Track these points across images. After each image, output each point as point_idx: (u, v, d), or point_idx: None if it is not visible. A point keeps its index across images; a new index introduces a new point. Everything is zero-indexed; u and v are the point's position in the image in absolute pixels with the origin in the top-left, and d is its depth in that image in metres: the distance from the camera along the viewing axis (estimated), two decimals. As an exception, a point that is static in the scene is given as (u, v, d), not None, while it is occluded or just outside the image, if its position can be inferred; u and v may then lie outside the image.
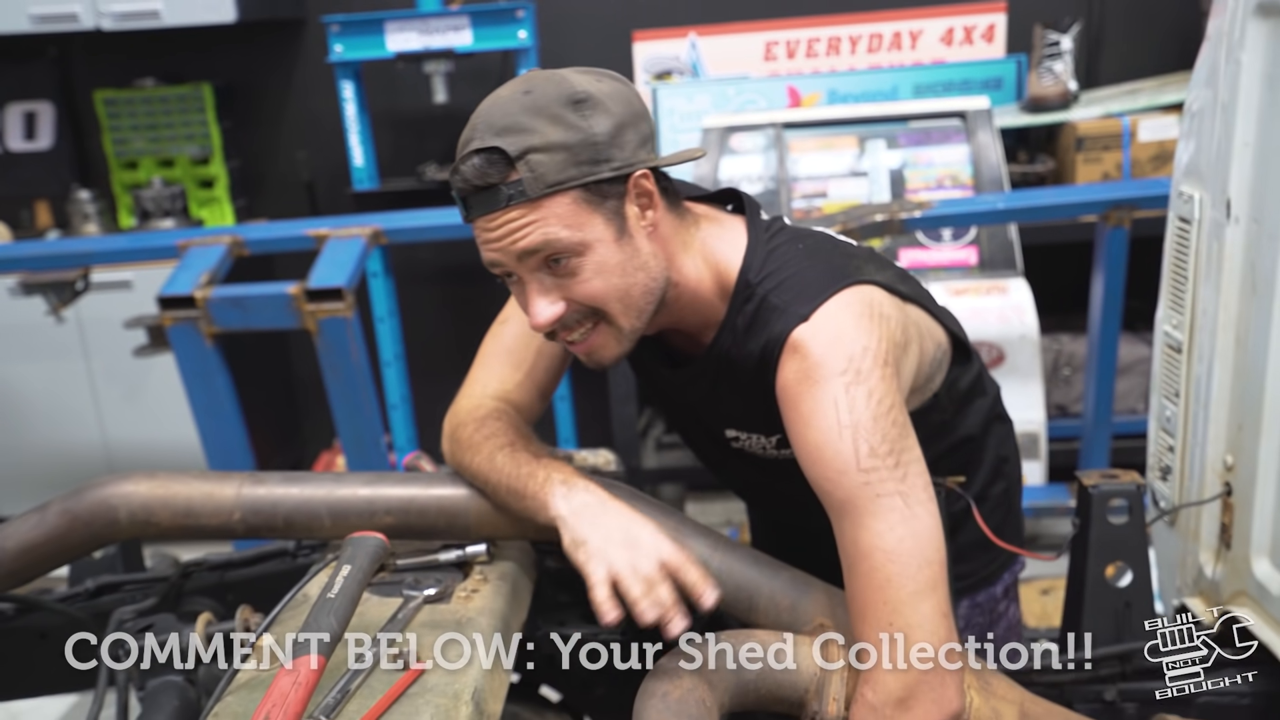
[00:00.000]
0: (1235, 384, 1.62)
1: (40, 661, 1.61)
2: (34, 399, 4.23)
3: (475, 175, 1.16)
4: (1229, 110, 1.60)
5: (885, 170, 3.71)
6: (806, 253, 1.32)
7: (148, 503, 1.38)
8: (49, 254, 3.38)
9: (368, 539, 1.24)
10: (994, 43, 4.19)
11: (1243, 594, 1.58)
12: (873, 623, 1.15)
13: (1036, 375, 3.42)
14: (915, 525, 1.16)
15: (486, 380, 1.44)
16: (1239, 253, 1.60)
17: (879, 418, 1.17)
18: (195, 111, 4.40)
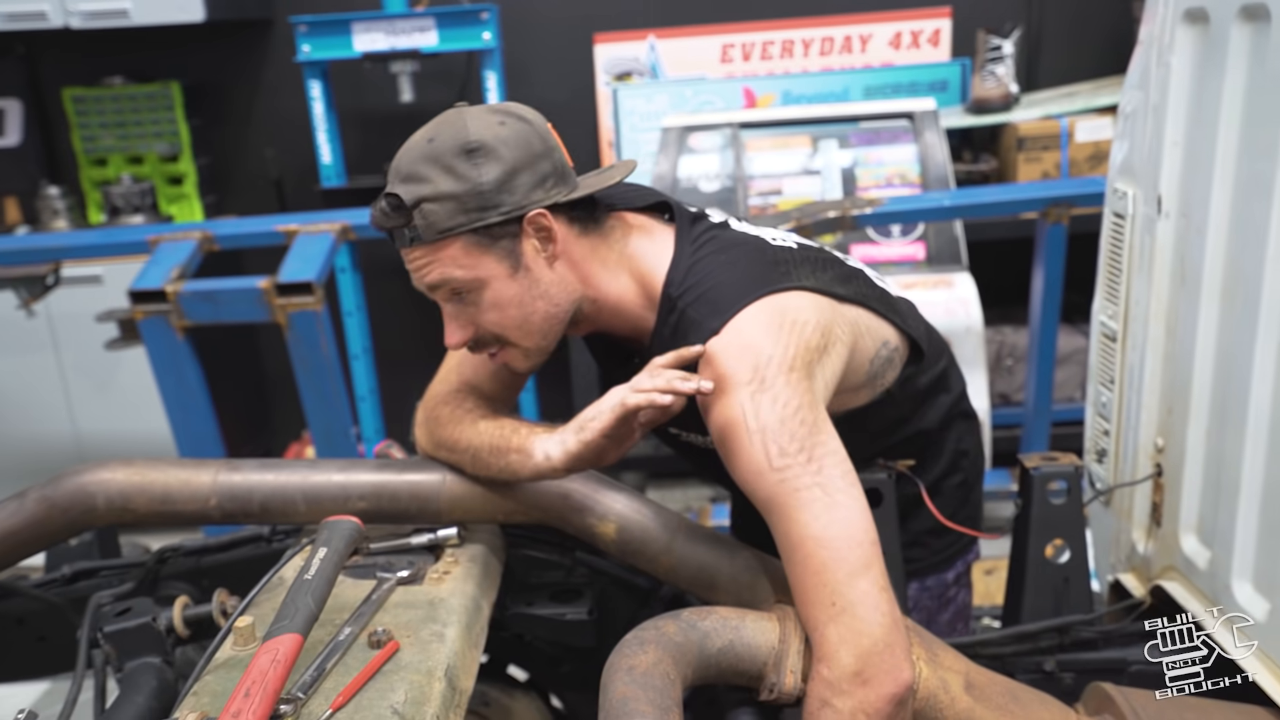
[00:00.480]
0: (1165, 370, 1.65)
1: (17, 646, 1.59)
2: (5, 392, 4.18)
3: (381, 218, 1.26)
4: (1159, 111, 1.62)
5: (837, 169, 3.72)
6: (728, 264, 1.33)
7: (125, 490, 1.38)
8: (18, 249, 3.34)
9: (343, 522, 1.23)
10: (940, 47, 4.22)
11: (1172, 568, 1.61)
12: (816, 605, 1.17)
13: (981, 365, 3.43)
14: (838, 512, 1.18)
15: (460, 370, 1.46)
16: (1169, 246, 1.62)
17: (785, 420, 1.20)
18: (164, 109, 4.35)
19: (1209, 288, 1.51)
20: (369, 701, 1.06)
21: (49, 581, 1.60)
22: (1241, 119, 1.44)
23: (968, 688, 1.28)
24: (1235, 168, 1.45)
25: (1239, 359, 1.43)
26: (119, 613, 1.36)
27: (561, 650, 1.58)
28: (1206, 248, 1.50)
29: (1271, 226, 1.34)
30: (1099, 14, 4.20)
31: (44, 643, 1.60)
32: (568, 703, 1.68)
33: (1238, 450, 1.43)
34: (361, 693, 1.07)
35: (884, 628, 1.15)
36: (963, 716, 1.26)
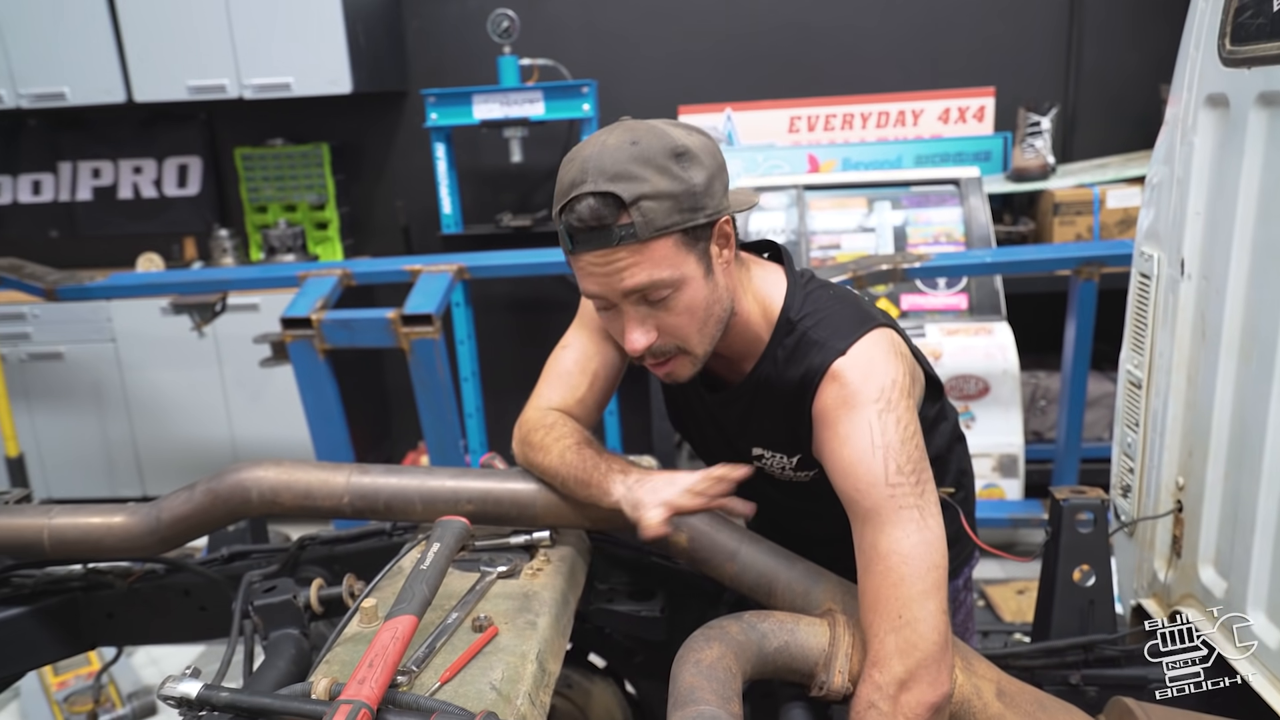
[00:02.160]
0: (1186, 416, 1.61)
1: (182, 614, 1.64)
2: (177, 400, 4.30)
3: (591, 216, 1.12)
4: (1183, 184, 1.60)
5: (890, 227, 3.71)
6: (836, 298, 1.32)
7: (275, 486, 1.39)
8: (193, 280, 3.44)
9: (453, 522, 1.25)
10: (984, 121, 4.18)
11: (1190, 596, 1.56)
12: (884, 614, 1.13)
13: (1016, 405, 3.41)
14: (927, 535, 1.15)
15: (550, 395, 1.43)
16: (1191, 304, 1.59)
17: (905, 441, 1.17)
18: (315, 166, 4.48)
19: (1227, 343, 1.48)
20: (471, 677, 1.07)
21: (210, 560, 1.64)
22: (1259, 192, 1.41)
23: (999, 695, 1.25)
24: (1253, 236, 1.42)
25: (1255, 408, 1.39)
26: (266, 590, 1.40)
27: (636, 642, 1.58)
28: (1225, 307, 1.47)
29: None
30: (1129, 95, 4.12)
31: (204, 612, 1.64)
32: (640, 689, 1.67)
33: (1253, 490, 1.39)
34: (465, 669, 1.08)
35: (938, 645, 1.13)
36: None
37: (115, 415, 4.32)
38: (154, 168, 4.67)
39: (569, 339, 1.47)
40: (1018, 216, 4.02)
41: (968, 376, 3.39)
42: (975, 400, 3.40)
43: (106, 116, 4.50)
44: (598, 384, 1.44)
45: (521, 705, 1.06)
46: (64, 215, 4.75)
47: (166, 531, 1.42)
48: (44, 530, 1.46)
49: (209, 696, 1.02)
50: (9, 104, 4.19)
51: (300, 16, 3.97)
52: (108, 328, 4.22)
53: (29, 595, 1.62)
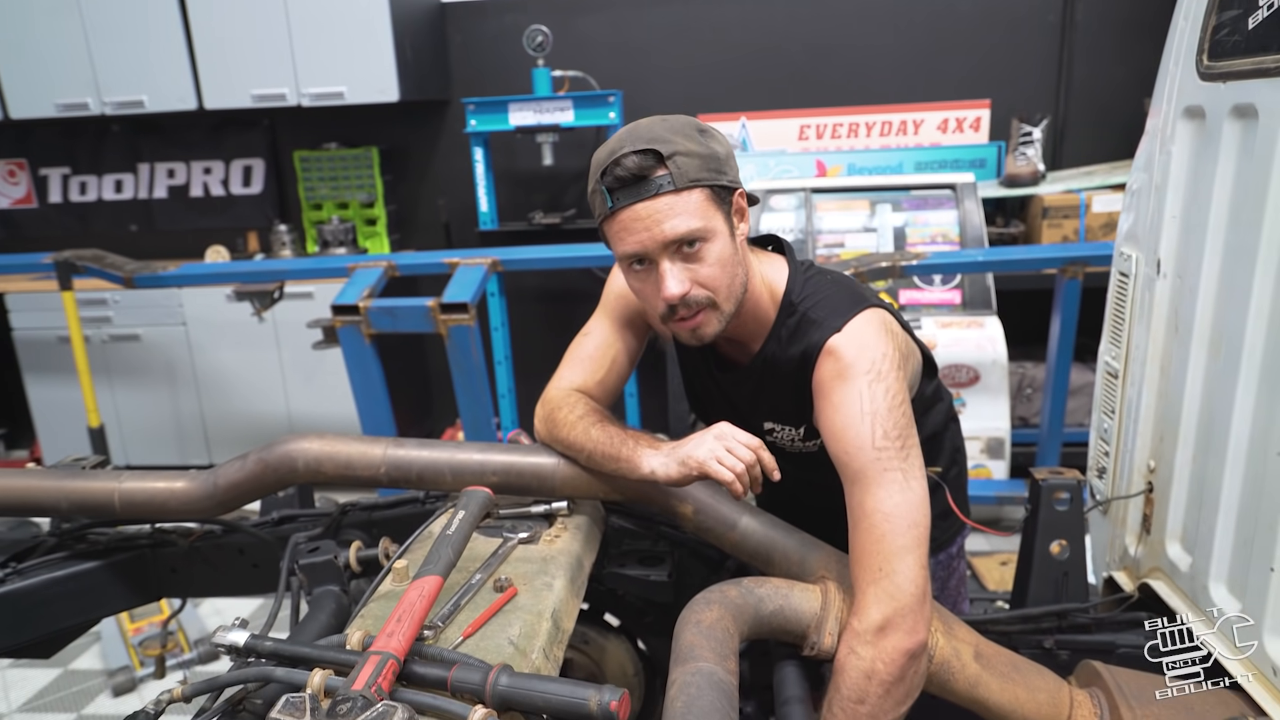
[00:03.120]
0: (1159, 404, 1.59)
1: (237, 570, 1.66)
2: (240, 378, 4.34)
3: (635, 167, 1.15)
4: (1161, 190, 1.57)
5: (891, 228, 3.69)
6: (833, 282, 1.32)
7: (319, 457, 1.39)
8: (255, 270, 3.47)
9: (478, 492, 1.25)
10: (980, 131, 4.15)
11: (1158, 569, 1.54)
12: (867, 567, 1.13)
13: (1004, 393, 3.39)
14: (909, 495, 1.14)
15: (571, 377, 1.43)
16: (1165, 301, 1.57)
17: (892, 409, 1.16)
18: (365, 168, 4.49)
19: (1199, 337, 1.45)
20: (491, 633, 1.07)
21: (262, 523, 1.65)
22: (1230, 198, 1.38)
23: (977, 656, 1.24)
24: (1224, 238, 1.39)
25: (1222, 398, 1.37)
26: (310, 550, 1.40)
27: (646, 604, 1.58)
28: (1197, 304, 1.44)
29: (1254, 288, 1.28)
30: (1115, 108, 4.06)
31: (257, 569, 1.65)
32: (650, 646, 1.67)
33: (1218, 473, 1.36)
34: (485, 626, 1.08)
35: (915, 598, 1.12)
36: (972, 680, 1.22)
37: (185, 392, 4.37)
38: (222, 169, 4.70)
39: (591, 326, 1.47)
40: (1009, 219, 3.98)
41: (960, 365, 3.37)
42: (966, 388, 3.38)
43: (180, 122, 4.53)
44: (616, 368, 1.44)
45: (536, 659, 1.06)
46: (142, 211, 4.80)
47: (222, 496, 1.43)
48: (115, 493, 1.47)
49: (255, 645, 1.03)
50: (94, 111, 4.24)
51: (353, 32, 3.98)
52: (179, 313, 4.26)
53: (103, 550, 1.65)
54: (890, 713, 1.11)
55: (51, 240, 4.75)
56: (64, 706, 2.76)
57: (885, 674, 1.10)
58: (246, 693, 1.03)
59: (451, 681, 0.93)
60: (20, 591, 1.54)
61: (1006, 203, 4.01)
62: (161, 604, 2.91)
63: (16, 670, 2.95)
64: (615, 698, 0.90)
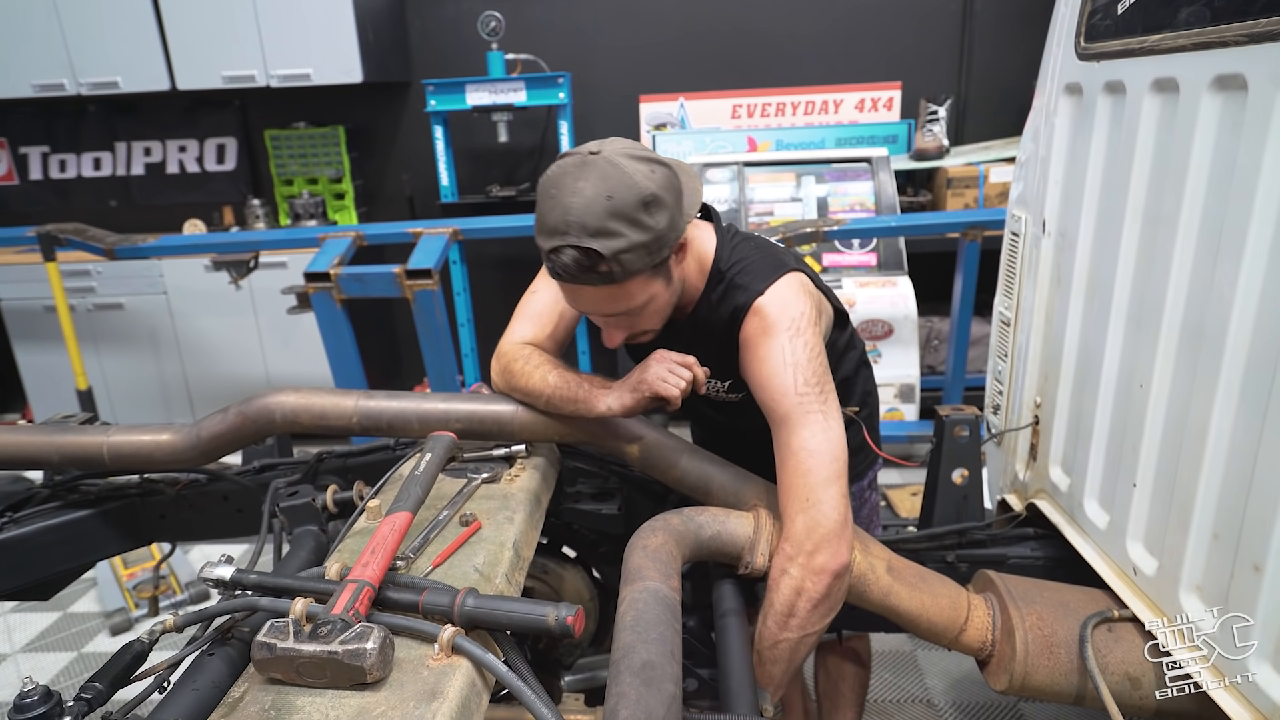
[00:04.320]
0: (1044, 348, 1.62)
1: (222, 516, 1.62)
2: (220, 343, 4.23)
3: (575, 265, 1.10)
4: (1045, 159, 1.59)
5: (814, 198, 3.69)
6: (757, 248, 1.32)
7: (295, 409, 1.36)
8: (230, 241, 3.37)
9: (443, 436, 1.23)
10: (892, 110, 4.15)
11: (1043, 491, 1.59)
12: (795, 498, 1.15)
13: (914, 344, 3.43)
14: (829, 434, 1.15)
15: (523, 331, 1.41)
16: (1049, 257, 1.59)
17: (811, 360, 1.18)
18: (333, 145, 4.37)
19: (1077, 288, 1.49)
20: (458, 562, 1.06)
21: (245, 471, 1.61)
22: (1104, 165, 1.40)
23: (889, 570, 1.27)
24: (1098, 200, 1.42)
25: (1095, 340, 1.41)
26: (290, 494, 1.38)
27: (599, 535, 1.58)
28: (1076, 259, 1.48)
29: (1122, 243, 1.32)
30: (1011, 89, 4.10)
31: (241, 514, 1.62)
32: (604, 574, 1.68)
33: (1092, 406, 1.41)
34: (453, 557, 1.08)
35: (838, 523, 1.13)
36: (885, 590, 1.25)
37: (169, 356, 4.23)
38: (196, 147, 4.53)
39: (538, 285, 1.45)
40: (918, 189, 4.01)
41: (876, 321, 3.40)
42: (881, 340, 3.42)
43: (155, 103, 4.34)
44: (564, 323, 1.42)
45: (499, 583, 1.06)
46: (121, 188, 4.59)
47: (205, 447, 1.39)
48: (103, 446, 1.43)
49: (240, 578, 1.01)
50: (70, 91, 4.03)
51: (318, 15, 3.84)
52: (160, 282, 4.12)
53: (94, 500, 1.60)
54: (816, 624, 1.14)
55: (34, 215, 4.52)
56: (65, 646, 2.70)
57: (813, 590, 1.13)
58: (234, 622, 1.02)
59: (423, 604, 0.93)
60: (17, 539, 1.49)
61: (915, 174, 4.04)
62: (153, 549, 2.85)
63: (19, 614, 2.88)
64: (571, 613, 0.90)
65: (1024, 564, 1.46)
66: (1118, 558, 1.30)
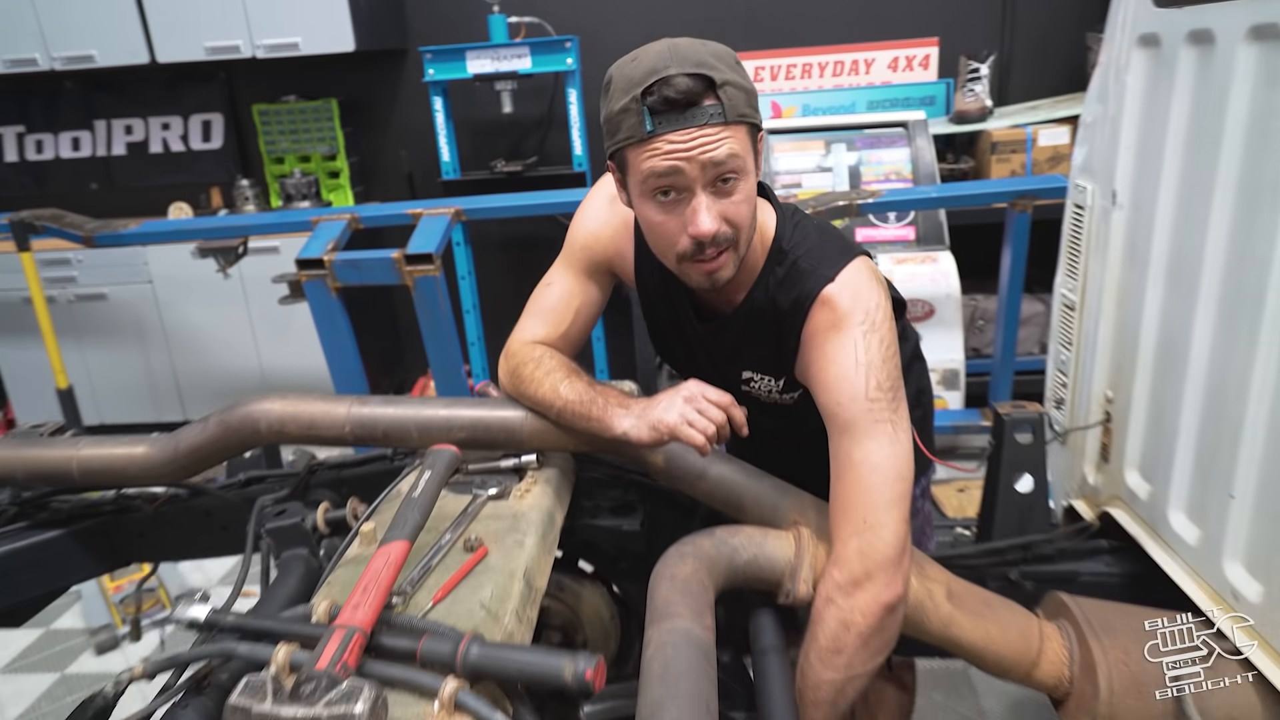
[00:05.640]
0: (1115, 335, 1.54)
1: (206, 533, 1.57)
2: (211, 334, 4.19)
3: (686, 90, 1.03)
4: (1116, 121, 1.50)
5: (845, 167, 3.61)
6: (820, 229, 1.23)
7: (281, 417, 1.31)
8: (216, 227, 3.31)
9: (444, 451, 1.17)
10: (929, 69, 4.04)
11: (1117, 498, 1.51)
12: (850, 518, 1.08)
13: (958, 325, 3.36)
14: (897, 449, 1.08)
15: (534, 329, 1.34)
16: (1121, 232, 1.51)
17: (885, 360, 1.10)
18: (326, 120, 4.30)
19: (1156, 267, 1.40)
20: (462, 596, 1.00)
21: (229, 485, 1.56)
22: (1186, 127, 1.31)
23: (949, 596, 1.20)
24: (1180, 168, 1.33)
25: (1179, 327, 1.32)
26: (277, 513, 1.32)
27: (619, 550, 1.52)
28: (1154, 234, 1.39)
29: (1211, 217, 1.22)
30: (1058, 43, 3.97)
31: (226, 531, 1.57)
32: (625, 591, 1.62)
33: (1176, 402, 1.32)
34: (457, 589, 1.01)
35: (896, 550, 1.06)
36: (945, 620, 1.18)
37: (156, 349, 4.20)
38: (180, 124, 4.47)
39: (553, 276, 1.37)
40: (959, 155, 3.91)
41: (915, 300, 3.33)
42: (921, 322, 3.34)
43: (134, 77, 4.29)
44: (580, 319, 1.35)
45: (509, 622, 0.99)
46: (102, 169, 4.55)
47: (184, 460, 1.34)
48: (73, 460, 1.38)
49: (216, 619, 0.95)
50: (44, 66, 3.99)
51: (304, -21, 3.75)
52: (145, 270, 4.08)
53: (65, 519, 1.55)
54: (867, 663, 1.07)
55: (10, 202, 4.48)
56: (47, 666, 2.67)
57: (863, 625, 1.06)
58: (210, 669, 0.95)
59: (421, 653, 0.87)
60: (-20, 565, 1.44)
61: (956, 139, 3.93)
62: (143, 561, 2.82)
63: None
64: (590, 665, 0.83)
65: (1098, 582, 1.38)
66: (1213, 579, 1.21)
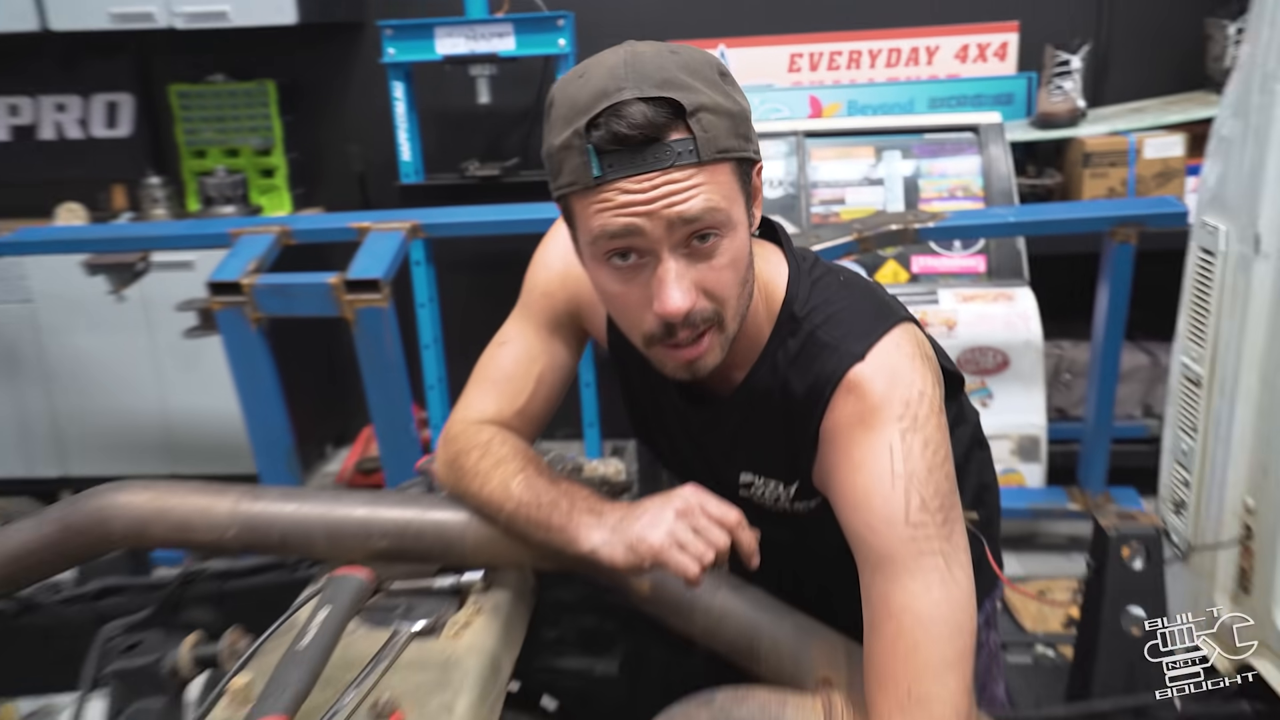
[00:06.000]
0: (1259, 424, 1.42)
1: (43, 660, 1.45)
2: (102, 368, 4.09)
3: (642, 125, 0.91)
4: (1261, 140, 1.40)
5: (900, 179, 3.56)
6: (847, 286, 1.13)
7: (142, 515, 1.22)
8: (107, 238, 3.23)
9: (349, 578, 1.05)
10: (1006, 60, 3.98)
11: (1264, 645, 1.37)
12: (891, 688, 0.96)
13: (1039, 380, 3.26)
14: (953, 590, 0.97)
15: (483, 404, 1.24)
16: (1268, 289, 1.40)
17: (933, 469, 0.99)
18: (260, 106, 4.25)
19: (1318, 339, 1.28)
20: (362, 794, 0.88)
21: (76, 597, 1.45)
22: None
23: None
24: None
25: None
26: (128, 647, 1.21)
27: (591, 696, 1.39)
28: (1317, 295, 1.27)
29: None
30: (1170, 30, 3.92)
31: (71, 661, 1.44)
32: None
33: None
34: (354, 782, 0.89)
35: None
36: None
37: (31, 385, 4.10)
38: (79, 106, 4.42)
39: (509, 333, 1.28)
40: (1042, 168, 3.81)
41: (985, 348, 3.24)
42: (992, 375, 3.25)
43: (21, 47, 4.20)
44: (543, 389, 1.26)
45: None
46: (-24, 158, 4.51)
47: (8, 569, 1.23)
48: None
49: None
50: (-93, 32, 3.95)
51: (236, -66, 3.75)
52: (23, 287, 3.99)
53: None
54: None
55: None
56: None
57: None
58: None
59: None
60: None
61: (1039, 148, 3.86)
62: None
63: None
64: None
65: (1239, 764, 1.24)
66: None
